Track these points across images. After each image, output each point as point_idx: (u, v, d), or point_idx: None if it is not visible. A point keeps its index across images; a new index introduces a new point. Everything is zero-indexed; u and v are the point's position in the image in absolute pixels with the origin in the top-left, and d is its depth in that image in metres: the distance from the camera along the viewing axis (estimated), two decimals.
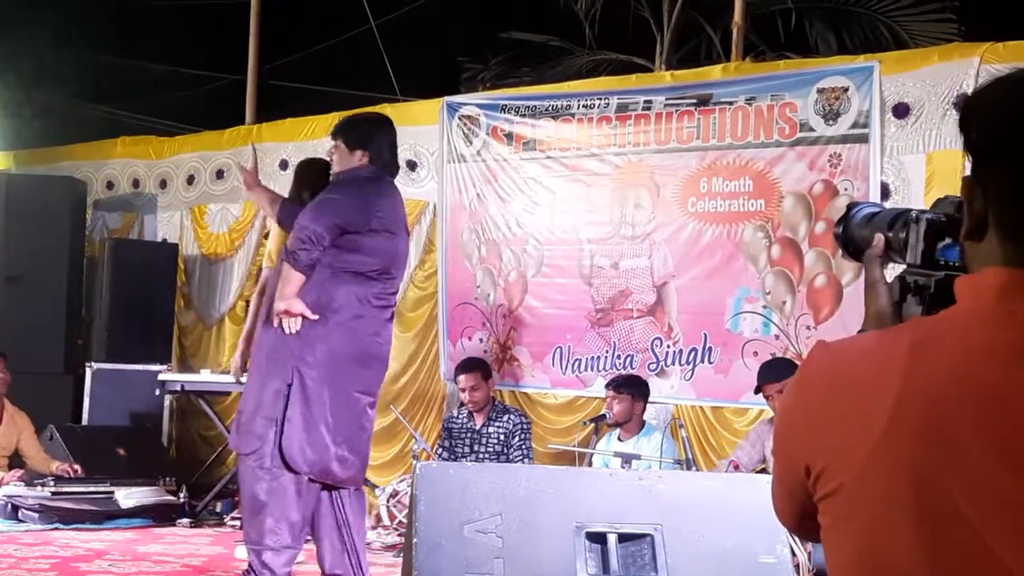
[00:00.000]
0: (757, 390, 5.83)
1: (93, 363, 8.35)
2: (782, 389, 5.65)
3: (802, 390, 1.27)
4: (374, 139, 4.78)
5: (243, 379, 6.53)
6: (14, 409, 7.46)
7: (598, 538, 3.04)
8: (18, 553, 5.52)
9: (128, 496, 6.91)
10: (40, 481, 6.95)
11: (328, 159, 4.91)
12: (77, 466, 7.19)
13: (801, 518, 1.30)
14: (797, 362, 6.12)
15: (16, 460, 7.36)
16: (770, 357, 6.37)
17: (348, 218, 4.53)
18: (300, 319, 4.45)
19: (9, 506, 6.67)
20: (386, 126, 4.93)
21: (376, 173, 4.71)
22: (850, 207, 1.68)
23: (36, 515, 6.59)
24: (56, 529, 6.44)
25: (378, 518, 6.60)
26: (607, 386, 6.50)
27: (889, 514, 1.13)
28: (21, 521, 6.57)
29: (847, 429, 1.17)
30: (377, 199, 4.63)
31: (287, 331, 4.45)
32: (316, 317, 4.46)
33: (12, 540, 5.99)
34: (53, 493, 6.78)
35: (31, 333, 8.39)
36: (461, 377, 6.82)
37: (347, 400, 4.57)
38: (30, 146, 10.76)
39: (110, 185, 9.59)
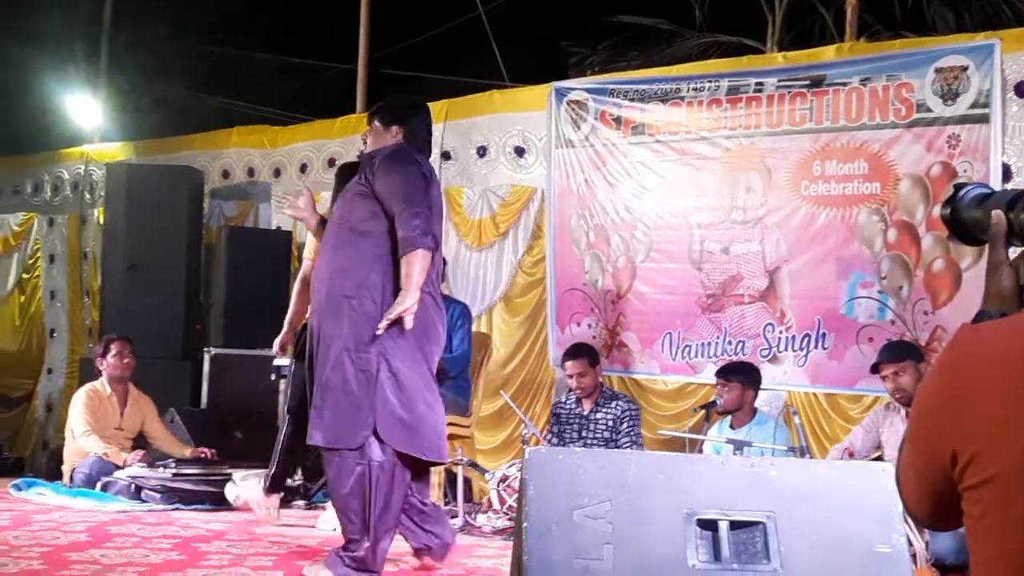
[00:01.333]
0: (874, 369, 5.73)
1: (211, 348, 8.54)
2: (899, 371, 5.54)
3: (950, 373, 1.21)
4: (410, 117, 4.76)
5: (284, 360, 6.57)
6: (138, 392, 7.68)
7: (709, 525, 3.00)
8: (141, 532, 5.69)
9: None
10: (162, 463, 7.15)
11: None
12: (210, 450, 7.39)
13: (936, 507, 1.25)
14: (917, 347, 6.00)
15: (139, 442, 7.58)
16: (885, 343, 6.24)
17: (424, 191, 4.49)
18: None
19: (133, 486, 6.87)
20: (422, 108, 4.90)
21: (408, 148, 4.66)
22: (957, 188, 1.64)
23: (158, 495, 6.78)
24: (177, 509, 6.62)
25: (489, 502, 6.64)
26: (716, 374, 6.44)
27: None
28: (144, 501, 6.77)
29: (1004, 416, 1.12)
30: (426, 171, 4.60)
31: (408, 326, 4.36)
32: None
33: (136, 519, 6.18)
34: (174, 475, 6.96)
35: (152, 319, 8.63)
36: (568, 363, 6.82)
37: (431, 377, 4.58)
38: (149, 137, 11.05)
39: (226, 174, 9.79)
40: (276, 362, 7.93)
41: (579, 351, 6.87)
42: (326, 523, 6.12)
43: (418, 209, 4.40)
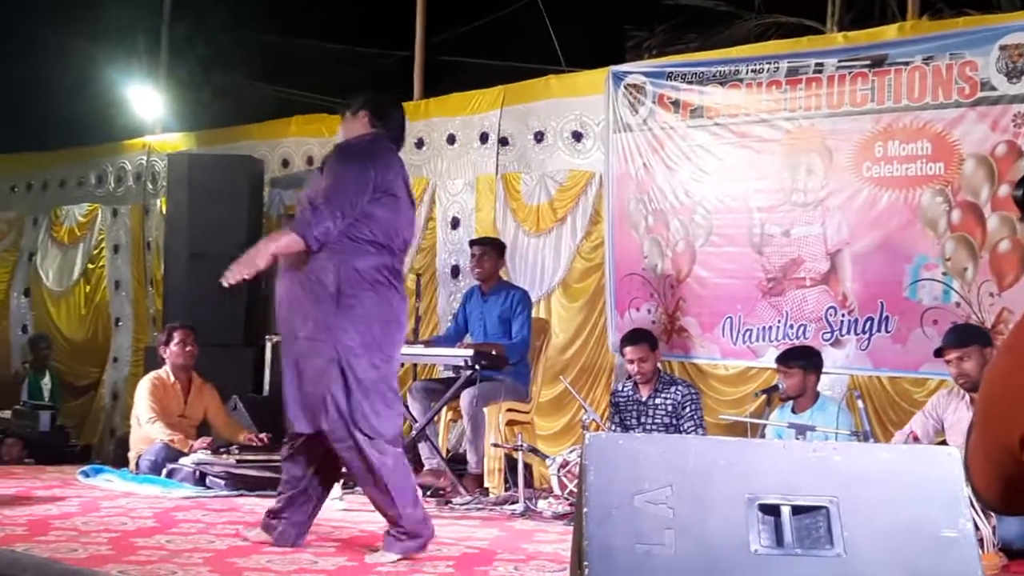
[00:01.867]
0: (938, 353, 5.65)
1: (272, 336, 8.60)
2: (963, 356, 5.46)
3: (1018, 355, 1.19)
4: (376, 102, 4.92)
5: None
6: (201, 381, 7.76)
7: (771, 510, 2.97)
8: (206, 518, 5.75)
9: None
10: (225, 449, 7.22)
11: None
12: (263, 435, 7.43)
13: (1006, 491, 1.23)
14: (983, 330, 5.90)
15: (203, 429, 7.67)
16: (951, 325, 6.16)
17: (358, 196, 4.64)
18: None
19: (197, 473, 6.95)
20: (392, 98, 5.17)
21: (377, 138, 4.83)
22: None
23: (222, 482, 6.85)
24: (241, 495, 6.69)
25: (549, 488, 6.65)
26: (776, 360, 6.38)
27: None
28: (208, 487, 6.85)
29: None
30: (381, 169, 4.72)
31: (227, 283, 4.61)
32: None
33: (200, 506, 6.25)
34: (238, 461, 7.03)
35: (214, 307, 8.70)
36: (628, 349, 6.80)
37: (389, 368, 4.77)
38: (209, 127, 11.15)
39: (285, 163, 9.85)
40: None
41: (639, 336, 6.85)
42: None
43: (334, 211, 4.58)
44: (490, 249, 7.52)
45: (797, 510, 2.98)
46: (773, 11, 10.99)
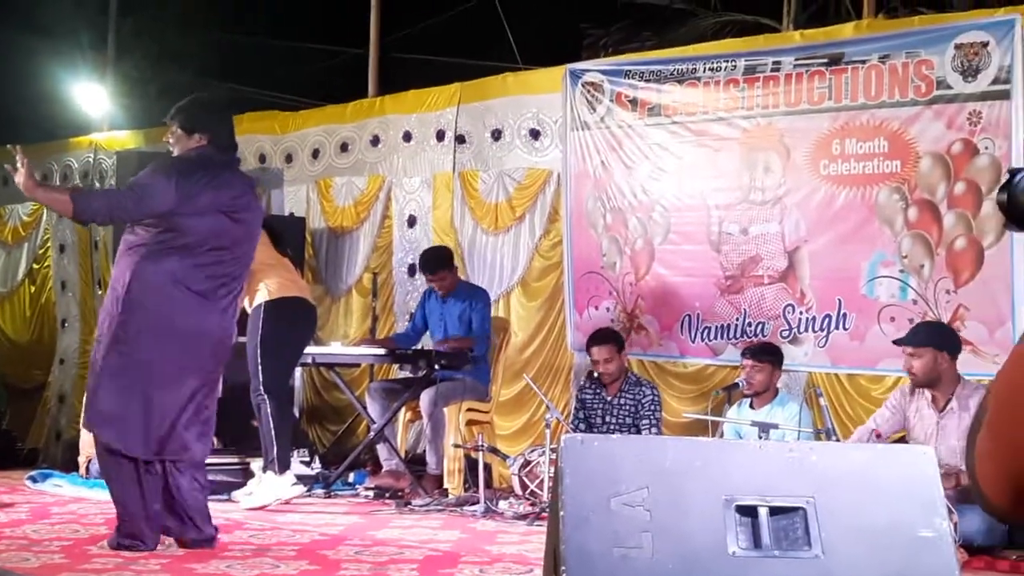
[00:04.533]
0: (896, 342, 5.69)
1: None
2: (914, 354, 5.51)
3: None
4: (209, 121, 5.00)
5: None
6: None
7: (748, 511, 2.95)
8: None
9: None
10: None
11: None
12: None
13: (1017, 496, 1.21)
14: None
15: None
16: (908, 322, 6.19)
17: (165, 204, 4.73)
18: None
19: None
20: (224, 109, 5.28)
21: (207, 155, 4.91)
22: (1013, 173, 1.59)
23: None
24: None
25: (510, 488, 6.60)
26: (744, 354, 6.38)
27: None
28: None
29: None
30: (199, 183, 4.78)
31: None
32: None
33: None
34: None
35: None
36: (594, 349, 6.76)
37: (172, 376, 4.76)
38: (158, 124, 10.94)
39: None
40: None
41: (606, 337, 6.82)
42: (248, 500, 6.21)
43: (114, 206, 4.82)
44: (444, 271, 7.35)
45: (774, 511, 2.96)
46: (729, 9, 11.00)
